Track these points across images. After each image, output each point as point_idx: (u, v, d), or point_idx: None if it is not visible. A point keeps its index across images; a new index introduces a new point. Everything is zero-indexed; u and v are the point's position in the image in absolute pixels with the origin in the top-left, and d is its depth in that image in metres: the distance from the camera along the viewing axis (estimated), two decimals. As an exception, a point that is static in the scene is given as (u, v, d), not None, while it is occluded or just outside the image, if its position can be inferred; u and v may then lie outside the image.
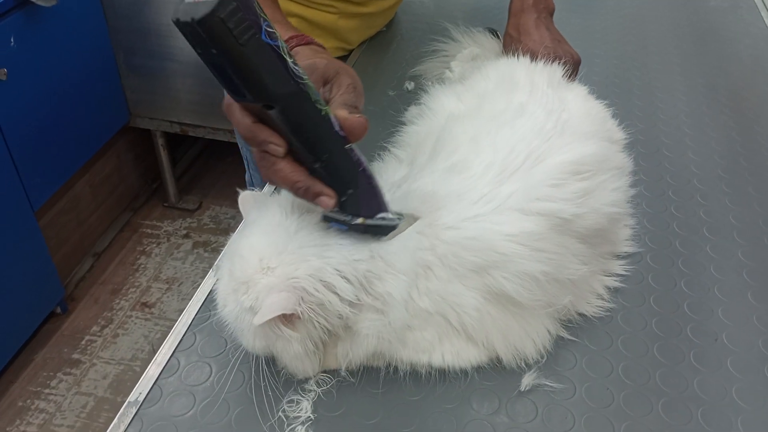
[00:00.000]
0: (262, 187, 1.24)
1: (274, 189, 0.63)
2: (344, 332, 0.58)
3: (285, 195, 0.60)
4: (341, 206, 0.55)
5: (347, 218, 0.56)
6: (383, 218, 0.57)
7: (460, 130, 0.70)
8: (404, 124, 0.86)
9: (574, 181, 0.64)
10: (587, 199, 0.64)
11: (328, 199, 0.54)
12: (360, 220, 0.56)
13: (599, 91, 0.85)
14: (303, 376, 0.59)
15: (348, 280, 0.55)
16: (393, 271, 0.56)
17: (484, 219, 0.60)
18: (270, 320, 0.53)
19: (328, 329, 0.56)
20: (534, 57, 0.83)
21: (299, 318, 0.54)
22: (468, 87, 0.82)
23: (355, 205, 0.55)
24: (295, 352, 0.56)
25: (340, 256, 0.55)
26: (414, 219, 0.58)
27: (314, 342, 0.56)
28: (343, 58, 1.18)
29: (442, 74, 1.00)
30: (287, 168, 0.53)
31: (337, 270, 0.54)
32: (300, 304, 0.53)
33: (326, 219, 0.57)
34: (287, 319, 0.54)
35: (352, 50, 1.20)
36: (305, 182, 0.53)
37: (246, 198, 0.63)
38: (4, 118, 1.65)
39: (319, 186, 0.54)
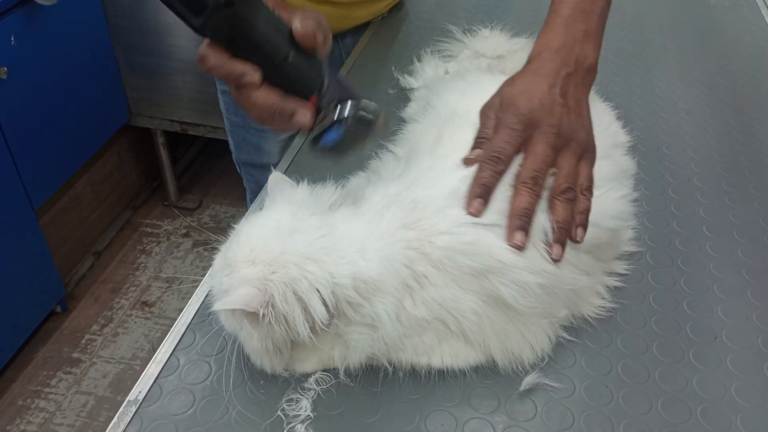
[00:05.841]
0: (245, 159, 1.22)
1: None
2: (337, 339, 0.58)
3: (297, 193, 0.61)
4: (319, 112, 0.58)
5: (331, 120, 0.58)
6: (363, 109, 0.59)
7: (459, 127, 0.70)
8: (404, 121, 0.86)
9: None
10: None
11: (304, 114, 0.57)
12: (338, 115, 0.58)
13: (600, 91, 0.85)
14: (264, 369, 0.59)
15: (323, 301, 0.54)
16: (379, 295, 0.55)
17: (481, 224, 0.59)
18: (234, 311, 0.54)
19: (290, 338, 0.56)
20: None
21: (260, 319, 0.54)
22: (471, 83, 0.81)
23: (330, 97, 0.58)
24: (254, 347, 0.57)
25: (320, 274, 0.54)
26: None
27: (275, 345, 0.56)
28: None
29: (443, 74, 1.00)
30: (263, 95, 0.56)
31: (315, 288, 0.54)
32: (264, 306, 0.53)
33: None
34: (250, 314, 0.54)
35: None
36: (280, 103, 0.57)
37: (275, 179, 0.64)
38: (5, 117, 1.65)
39: (292, 104, 0.57)
